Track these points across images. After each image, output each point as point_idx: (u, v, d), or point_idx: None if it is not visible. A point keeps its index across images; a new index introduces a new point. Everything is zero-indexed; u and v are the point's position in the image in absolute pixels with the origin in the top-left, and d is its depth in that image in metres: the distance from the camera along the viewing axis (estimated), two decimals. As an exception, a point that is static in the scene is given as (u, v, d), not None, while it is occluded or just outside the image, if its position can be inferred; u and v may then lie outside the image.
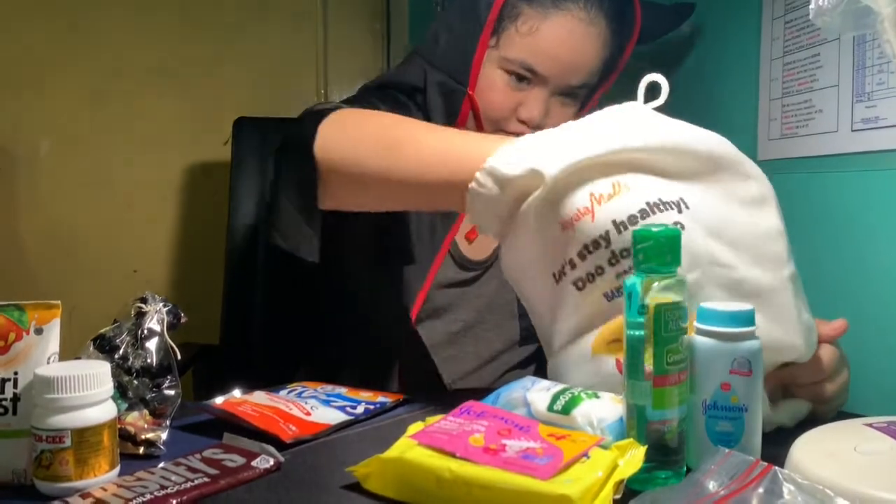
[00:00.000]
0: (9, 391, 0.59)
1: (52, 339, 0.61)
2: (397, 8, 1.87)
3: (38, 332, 0.60)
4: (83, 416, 0.57)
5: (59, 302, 0.61)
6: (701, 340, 0.62)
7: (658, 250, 0.59)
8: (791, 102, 0.96)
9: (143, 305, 0.74)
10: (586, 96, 1.08)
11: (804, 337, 0.69)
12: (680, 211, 0.67)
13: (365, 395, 0.83)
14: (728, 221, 0.68)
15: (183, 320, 0.75)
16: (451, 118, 1.02)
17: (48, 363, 0.60)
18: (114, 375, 0.68)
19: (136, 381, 0.70)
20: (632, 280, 0.60)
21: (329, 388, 0.85)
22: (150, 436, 0.67)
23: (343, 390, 0.84)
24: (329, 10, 1.79)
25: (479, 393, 0.72)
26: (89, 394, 0.57)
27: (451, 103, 1.02)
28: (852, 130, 0.85)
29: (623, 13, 1.04)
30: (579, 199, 0.67)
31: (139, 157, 1.64)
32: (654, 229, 0.60)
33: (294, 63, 1.77)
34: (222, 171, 1.66)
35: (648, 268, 0.59)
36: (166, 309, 0.74)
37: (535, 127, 1.00)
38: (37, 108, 1.57)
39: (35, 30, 1.55)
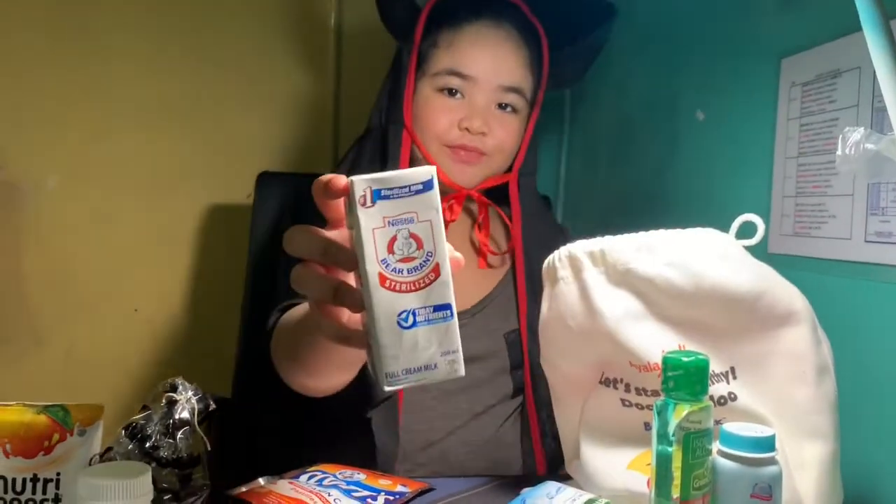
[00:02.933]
0: (51, 492, 0.60)
1: (95, 440, 0.62)
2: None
3: (82, 433, 0.61)
4: (125, 522, 0.58)
5: (102, 405, 0.62)
6: (724, 463, 0.64)
7: (688, 379, 0.62)
8: (805, 203, 0.99)
9: (173, 394, 0.75)
10: (528, 111, 1.16)
11: None
12: (728, 382, 0.71)
13: (384, 482, 0.84)
14: (775, 392, 0.71)
15: (212, 408, 0.77)
16: (395, 152, 1.11)
17: (90, 465, 0.61)
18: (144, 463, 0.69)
19: (165, 471, 0.71)
20: (663, 403, 0.62)
21: (348, 473, 0.86)
22: (179, 531, 0.68)
23: (362, 476, 0.85)
24: (343, 56, 1.80)
25: (499, 490, 0.73)
26: (133, 501, 0.58)
27: (394, 141, 1.12)
28: (865, 241, 0.88)
29: (533, 29, 1.16)
30: (652, 352, 0.71)
31: (146, 197, 1.63)
32: (685, 358, 0.62)
33: (307, 109, 1.78)
34: (229, 216, 1.68)
35: (678, 396, 0.62)
36: (196, 398, 0.75)
37: (478, 133, 1.09)
38: (46, 144, 1.57)
39: (46, 65, 1.55)
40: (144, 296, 1.66)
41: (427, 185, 0.55)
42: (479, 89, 1.10)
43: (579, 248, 0.76)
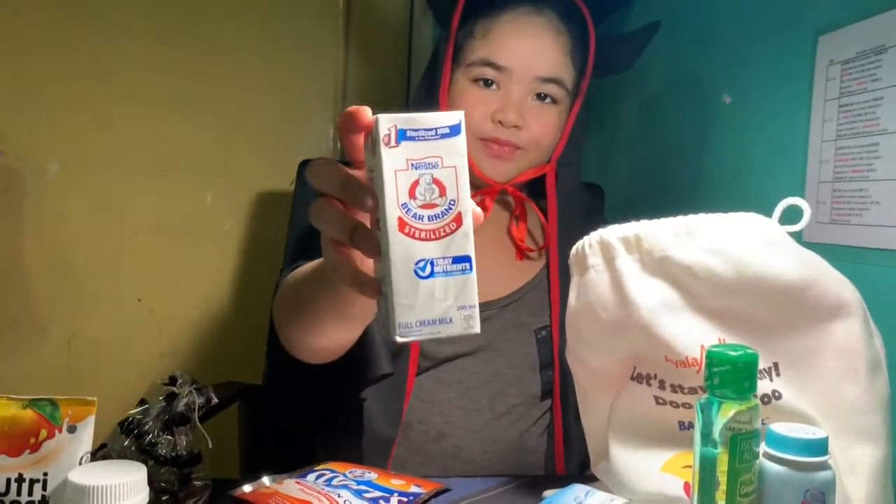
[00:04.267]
0: (37, 493, 0.55)
1: (86, 437, 0.57)
2: (419, 45, 1.84)
3: (72, 430, 0.56)
4: (118, 527, 0.53)
5: (94, 398, 0.57)
6: (772, 467, 0.58)
7: (735, 376, 0.56)
8: (843, 188, 0.93)
9: (172, 388, 0.70)
10: (569, 101, 1.11)
11: None
12: (771, 379, 0.66)
13: (397, 482, 0.79)
14: (822, 390, 0.65)
15: (213, 402, 0.72)
16: None
17: (80, 464, 0.56)
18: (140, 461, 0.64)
19: (163, 470, 0.67)
20: (706, 401, 0.57)
21: (358, 472, 0.81)
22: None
23: (373, 476, 0.80)
24: (351, 45, 1.76)
25: (518, 492, 0.68)
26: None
27: None
28: (914, 228, 0.82)
29: (577, 12, 1.10)
30: (690, 347, 0.66)
31: (148, 185, 1.60)
32: (731, 353, 0.57)
33: (311, 98, 1.73)
34: (231, 205, 1.64)
35: (724, 394, 0.56)
36: (197, 391, 0.70)
37: (512, 126, 1.04)
38: (48, 130, 1.54)
39: (51, 52, 1.52)
40: (147, 285, 1.63)
41: (454, 130, 0.52)
42: (514, 80, 1.04)
43: (611, 233, 0.70)
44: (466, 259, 0.52)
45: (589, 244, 0.72)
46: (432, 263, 0.51)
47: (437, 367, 1.03)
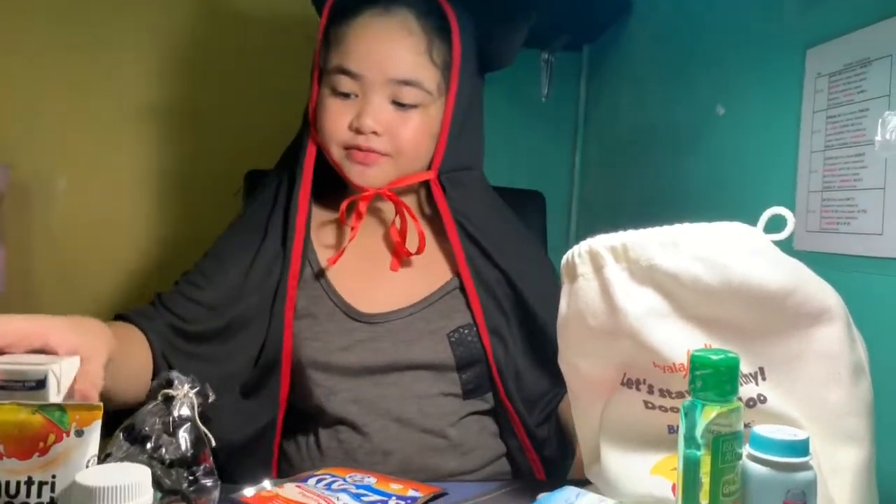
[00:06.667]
0: (46, 496, 0.57)
1: (93, 441, 0.59)
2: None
3: (79, 434, 0.58)
4: (123, 528, 0.55)
5: (101, 404, 0.59)
6: (754, 468, 0.60)
7: (717, 379, 0.58)
8: (832, 198, 0.95)
9: (169, 390, 0.71)
10: (440, 103, 1.07)
11: None
12: (757, 384, 0.68)
13: (395, 487, 0.81)
14: (806, 393, 0.67)
15: (211, 399, 0.73)
16: (301, 159, 1.07)
17: (87, 466, 0.58)
18: (149, 468, 0.66)
19: (172, 472, 0.68)
20: (689, 404, 0.59)
21: (358, 476, 0.83)
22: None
23: (372, 480, 0.82)
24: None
25: (514, 495, 0.70)
26: (131, 505, 0.55)
27: (299, 148, 1.08)
28: (898, 236, 0.84)
29: (438, 6, 1.06)
30: (677, 352, 0.68)
31: (157, 198, 1.63)
32: (713, 357, 0.59)
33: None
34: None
35: (706, 396, 0.58)
36: (194, 391, 0.72)
37: (370, 133, 1.02)
38: (57, 145, 1.57)
39: (56, 66, 1.55)
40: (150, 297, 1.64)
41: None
42: (368, 86, 1.03)
43: (600, 242, 0.72)
44: None
45: (579, 253, 0.74)
46: None
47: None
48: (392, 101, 1.03)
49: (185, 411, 0.70)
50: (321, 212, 1.12)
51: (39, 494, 0.57)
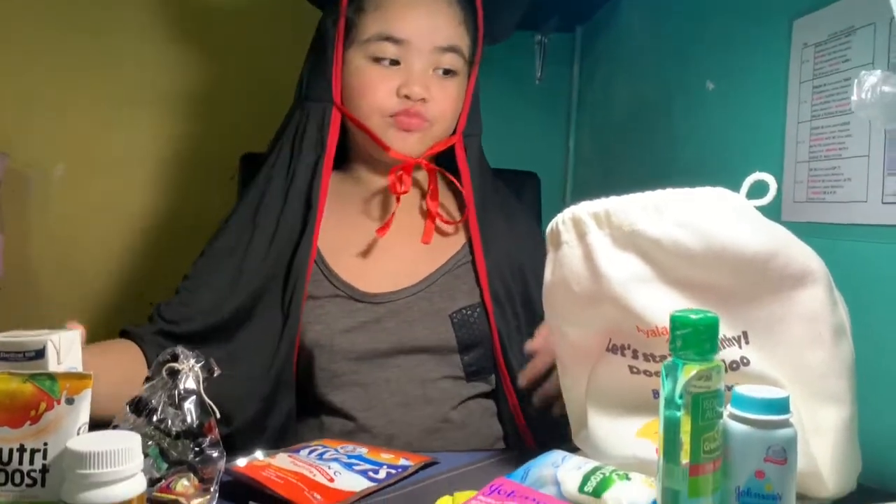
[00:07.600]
0: (38, 462, 0.58)
1: (83, 409, 0.60)
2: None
3: (70, 402, 0.59)
4: (114, 491, 0.56)
5: (91, 373, 0.60)
6: (735, 426, 0.61)
7: (696, 337, 0.59)
8: (818, 167, 0.96)
9: (174, 364, 0.72)
10: (467, 71, 1.10)
11: (837, 484, 0.68)
12: (741, 347, 0.68)
13: (386, 456, 0.82)
14: (789, 355, 0.68)
15: (216, 373, 0.74)
16: (322, 137, 1.05)
17: (78, 434, 0.60)
18: (154, 439, 0.68)
19: (178, 443, 0.69)
20: (670, 364, 0.60)
21: (350, 447, 0.84)
22: (199, 502, 0.66)
23: (364, 451, 0.83)
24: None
25: (505, 464, 0.71)
26: (122, 469, 0.56)
27: (320, 124, 1.06)
28: (883, 203, 0.85)
29: None
30: (660, 317, 0.68)
31: (154, 185, 1.64)
32: (693, 316, 0.59)
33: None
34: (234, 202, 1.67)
35: (686, 355, 0.59)
36: (199, 364, 0.73)
37: (419, 100, 1.03)
38: (53, 132, 1.57)
39: (54, 53, 1.55)
40: (151, 283, 1.65)
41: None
42: (415, 53, 1.04)
43: (583, 209, 0.73)
44: None
45: (562, 220, 0.74)
46: None
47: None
48: (434, 68, 1.05)
49: (191, 384, 0.71)
50: None
51: (32, 461, 0.58)
